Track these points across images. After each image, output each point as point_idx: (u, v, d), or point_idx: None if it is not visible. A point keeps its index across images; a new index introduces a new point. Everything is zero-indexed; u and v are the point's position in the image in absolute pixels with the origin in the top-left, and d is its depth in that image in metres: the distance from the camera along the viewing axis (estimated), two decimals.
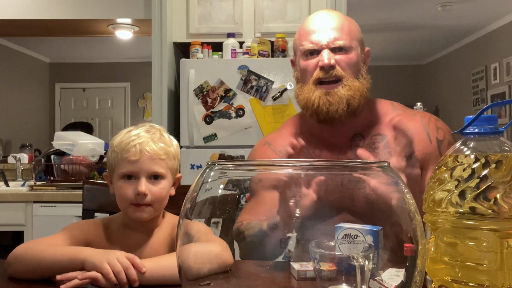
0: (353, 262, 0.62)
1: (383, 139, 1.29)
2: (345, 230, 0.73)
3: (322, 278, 0.65)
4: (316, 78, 1.25)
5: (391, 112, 1.34)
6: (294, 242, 0.77)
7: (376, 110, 1.34)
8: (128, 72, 7.71)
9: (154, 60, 3.14)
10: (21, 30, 4.11)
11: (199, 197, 0.69)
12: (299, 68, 1.31)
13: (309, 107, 1.26)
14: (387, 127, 1.31)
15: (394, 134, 1.29)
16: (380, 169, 0.66)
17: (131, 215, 1.09)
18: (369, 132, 1.31)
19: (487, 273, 0.62)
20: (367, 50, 1.35)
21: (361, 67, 1.30)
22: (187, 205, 0.70)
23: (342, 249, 0.71)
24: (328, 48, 1.25)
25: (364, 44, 1.34)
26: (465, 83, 6.55)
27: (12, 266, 0.98)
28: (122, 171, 1.08)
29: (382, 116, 1.33)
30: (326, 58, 1.23)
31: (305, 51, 1.27)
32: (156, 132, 1.11)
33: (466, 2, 4.91)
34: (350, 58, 1.26)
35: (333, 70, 1.24)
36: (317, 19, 1.30)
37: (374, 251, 0.67)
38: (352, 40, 1.27)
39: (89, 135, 3.24)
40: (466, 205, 0.63)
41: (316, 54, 1.26)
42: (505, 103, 0.71)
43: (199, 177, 0.69)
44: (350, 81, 1.25)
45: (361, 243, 0.72)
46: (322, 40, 1.25)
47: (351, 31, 1.28)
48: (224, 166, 0.72)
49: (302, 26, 1.33)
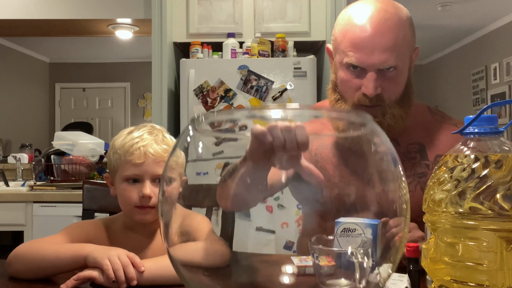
0: (352, 258, 0.62)
1: (420, 150, 1.20)
2: (344, 224, 0.73)
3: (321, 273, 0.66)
4: (357, 104, 1.13)
5: (429, 119, 1.24)
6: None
7: (413, 115, 1.21)
8: (128, 72, 7.71)
9: (154, 60, 3.14)
10: (21, 30, 4.10)
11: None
12: (338, 77, 1.17)
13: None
14: (425, 136, 1.21)
15: (433, 145, 1.19)
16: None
17: (135, 217, 1.08)
18: (405, 139, 1.21)
19: (487, 273, 0.62)
20: (417, 51, 1.20)
21: (408, 78, 1.17)
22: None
23: (342, 243, 0.71)
24: (376, 70, 1.10)
25: (415, 42, 1.18)
26: (465, 83, 6.55)
27: (13, 265, 0.98)
28: (126, 174, 1.07)
29: (419, 122, 1.22)
30: (372, 88, 1.09)
31: (348, 64, 1.12)
32: (158, 133, 1.11)
33: (466, 2, 4.91)
34: (398, 81, 1.13)
35: (377, 97, 1.11)
36: (369, 28, 1.09)
37: (373, 244, 0.68)
38: (404, 53, 1.12)
39: (89, 135, 3.24)
40: (466, 205, 0.63)
41: (360, 69, 1.11)
42: (505, 103, 0.71)
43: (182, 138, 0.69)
44: (394, 109, 1.13)
45: (359, 237, 0.72)
46: (371, 61, 1.09)
47: (405, 42, 1.12)
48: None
49: (349, 25, 1.13)
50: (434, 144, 1.20)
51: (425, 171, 1.19)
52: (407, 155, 1.20)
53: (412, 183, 1.19)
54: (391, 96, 1.13)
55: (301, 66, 2.96)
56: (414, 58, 1.20)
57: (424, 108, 1.27)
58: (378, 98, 1.11)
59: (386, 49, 1.08)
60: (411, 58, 1.17)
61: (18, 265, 0.97)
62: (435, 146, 1.20)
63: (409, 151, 1.20)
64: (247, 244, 0.95)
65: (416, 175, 1.19)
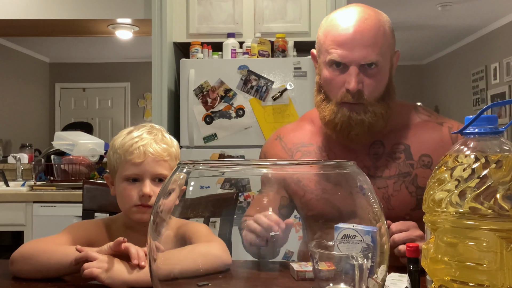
0: (352, 261, 0.62)
1: (405, 150, 1.22)
2: (344, 230, 0.73)
3: (320, 278, 0.66)
4: (341, 102, 1.18)
5: (415, 118, 1.26)
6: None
7: (399, 115, 1.26)
8: (128, 72, 7.71)
9: (154, 60, 3.14)
10: (21, 30, 4.10)
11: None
12: (322, 76, 1.22)
13: (330, 127, 1.21)
14: (410, 136, 1.24)
15: (418, 145, 1.22)
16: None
17: (134, 216, 1.09)
18: (390, 140, 1.24)
19: (487, 273, 0.62)
20: (398, 54, 1.26)
21: (389, 78, 1.22)
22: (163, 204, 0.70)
23: (342, 249, 0.71)
24: (358, 65, 1.15)
25: (395, 46, 1.24)
26: (465, 83, 6.55)
27: (17, 265, 0.98)
28: (126, 173, 1.07)
29: (404, 122, 1.26)
30: (354, 82, 1.14)
31: (331, 61, 1.18)
32: (157, 133, 1.11)
33: (466, 2, 4.91)
34: (379, 79, 1.18)
35: (359, 94, 1.16)
36: (350, 25, 1.16)
37: (373, 251, 0.68)
38: (384, 52, 1.17)
39: (89, 135, 3.24)
40: (466, 205, 0.63)
41: (342, 66, 1.17)
42: (505, 103, 0.71)
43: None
44: (375, 107, 1.18)
45: (359, 243, 0.72)
46: (353, 57, 1.14)
47: (385, 41, 1.18)
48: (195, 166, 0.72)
49: (331, 26, 1.20)
50: (419, 144, 1.22)
51: (409, 170, 1.21)
52: (391, 155, 1.23)
53: (397, 182, 1.21)
54: (372, 94, 1.17)
55: (301, 66, 2.96)
56: (395, 61, 1.25)
57: (410, 108, 1.29)
58: (360, 94, 1.16)
59: (367, 45, 1.14)
60: (391, 60, 1.22)
61: (23, 264, 0.97)
62: (420, 146, 1.22)
63: (394, 151, 1.23)
64: (244, 252, 0.95)
65: (401, 175, 1.22)
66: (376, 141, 1.25)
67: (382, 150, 1.24)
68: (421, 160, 1.21)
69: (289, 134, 1.35)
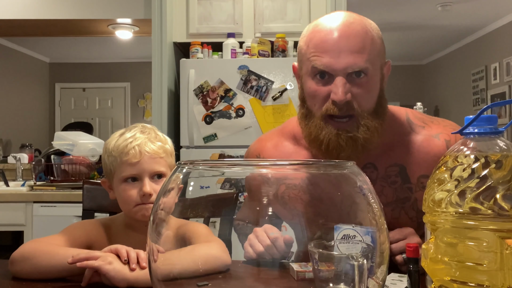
0: (352, 261, 0.62)
1: (401, 172, 1.09)
2: (344, 230, 0.73)
3: (320, 278, 0.66)
4: (326, 114, 1.03)
5: (408, 132, 1.12)
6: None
7: (390, 130, 1.11)
8: (128, 72, 7.71)
9: (154, 60, 3.14)
10: (21, 30, 4.10)
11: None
12: (305, 89, 1.08)
13: (315, 146, 1.07)
14: (404, 155, 1.10)
15: (414, 165, 1.09)
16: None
17: (137, 215, 1.08)
18: (383, 162, 1.10)
19: (487, 273, 0.62)
20: (389, 65, 1.12)
21: (380, 90, 1.07)
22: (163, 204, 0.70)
23: (342, 249, 0.71)
24: (345, 75, 1.01)
25: (385, 55, 1.10)
26: (465, 83, 6.55)
27: (18, 265, 0.97)
28: (124, 174, 1.08)
29: (397, 139, 1.11)
30: (341, 92, 1.00)
31: (314, 70, 1.04)
32: (150, 131, 1.12)
33: (466, 2, 4.91)
34: (368, 89, 1.03)
35: (348, 105, 1.02)
36: (334, 30, 1.03)
37: (373, 251, 0.68)
38: (374, 60, 1.03)
39: (89, 135, 3.24)
40: (466, 205, 0.63)
41: (328, 77, 1.03)
42: (505, 103, 0.71)
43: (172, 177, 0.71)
44: (367, 120, 1.03)
45: (359, 243, 0.72)
46: (338, 65, 1.01)
47: (373, 48, 1.04)
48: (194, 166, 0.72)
49: (314, 32, 1.06)
50: (416, 164, 1.09)
51: (408, 195, 1.09)
52: (387, 180, 1.10)
53: (395, 209, 1.10)
54: (363, 106, 1.03)
55: None
56: (386, 72, 1.11)
57: (402, 118, 1.14)
58: (349, 106, 1.02)
59: (354, 51, 1.01)
60: (382, 71, 1.08)
61: (23, 265, 0.97)
62: (417, 166, 1.09)
63: (389, 175, 1.09)
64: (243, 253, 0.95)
65: (399, 201, 1.10)
66: (368, 164, 1.11)
67: (376, 175, 1.10)
68: (420, 182, 1.09)
69: (269, 152, 1.21)
